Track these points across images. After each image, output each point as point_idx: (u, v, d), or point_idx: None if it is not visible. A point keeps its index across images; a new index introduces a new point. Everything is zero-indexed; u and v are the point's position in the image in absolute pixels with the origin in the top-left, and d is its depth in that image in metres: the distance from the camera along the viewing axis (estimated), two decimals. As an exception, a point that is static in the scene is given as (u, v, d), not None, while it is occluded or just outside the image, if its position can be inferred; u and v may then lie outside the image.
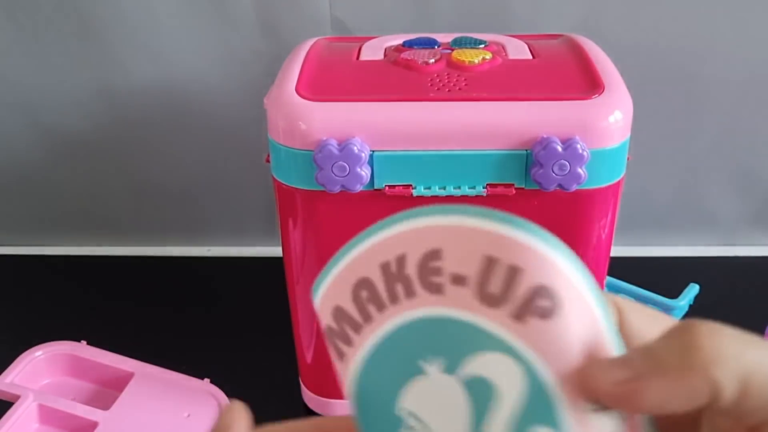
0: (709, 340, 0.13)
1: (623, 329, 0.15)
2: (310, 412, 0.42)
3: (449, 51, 0.35)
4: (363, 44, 0.38)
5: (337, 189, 0.31)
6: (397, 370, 0.16)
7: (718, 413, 0.14)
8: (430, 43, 0.37)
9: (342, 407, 0.41)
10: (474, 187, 0.32)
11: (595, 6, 0.47)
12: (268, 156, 0.34)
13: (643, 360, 0.14)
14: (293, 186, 0.33)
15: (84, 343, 0.44)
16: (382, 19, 0.47)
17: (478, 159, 0.31)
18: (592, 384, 0.14)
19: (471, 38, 0.37)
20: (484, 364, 0.15)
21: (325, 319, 0.16)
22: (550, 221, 0.32)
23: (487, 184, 0.32)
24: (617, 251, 0.37)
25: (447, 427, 0.15)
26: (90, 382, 0.43)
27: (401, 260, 0.15)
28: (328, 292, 0.16)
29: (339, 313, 0.16)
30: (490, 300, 0.14)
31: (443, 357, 0.15)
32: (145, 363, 0.42)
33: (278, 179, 0.33)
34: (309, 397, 0.42)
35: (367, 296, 0.16)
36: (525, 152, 0.31)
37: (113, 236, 0.58)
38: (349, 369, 0.16)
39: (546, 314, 0.14)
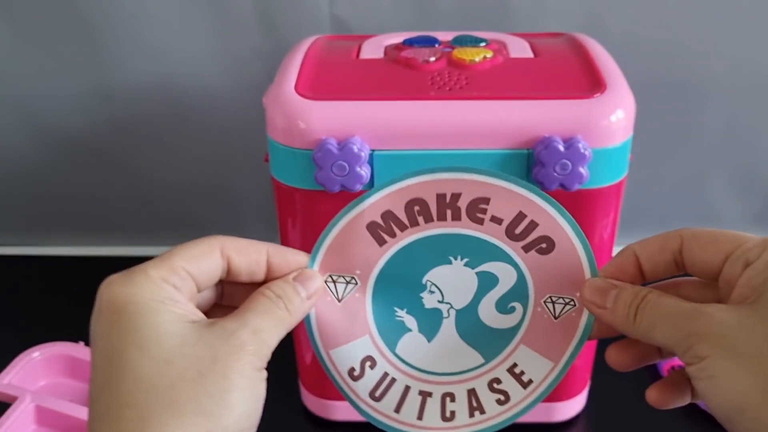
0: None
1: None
2: (309, 414, 0.42)
3: (450, 49, 0.35)
4: (363, 42, 0.38)
5: (336, 188, 0.31)
6: (430, 258, 0.25)
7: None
8: (430, 42, 0.36)
9: (341, 409, 0.40)
10: (475, 187, 0.31)
11: (598, 5, 0.47)
12: (267, 155, 0.34)
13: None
14: (292, 186, 0.32)
15: (81, 344, 0.43)
16: (382, 17, 0.47)
17: (479, 158, 0.31)
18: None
19: (472, 36, 0.37)
20: (494, 267, 0.25)
21: (372, 217, 0.24)
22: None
23: (488, 184, 0.31)
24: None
25: (456, 294, 0.25)
26: (87, 383, 0.43)
27: (456, 196, 0.24)
28: (381, 200, 0.24)
29: (388, 216, 0.24)
30: (513, 236, 0.25)
31: (468, 258, 0.25)
32: (143, 364, 0.42)
33: (277, 179, 0.33)
34: (308, 399, 0.41)
35: (418, 210, 0.24)
36: (526, 152, 0.31)
37: (111, 236, 0.58)
38: (385, 251, 0.25)
39: (543, 252, 0.25)
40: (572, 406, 0.41)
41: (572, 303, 0.25)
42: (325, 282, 0.25)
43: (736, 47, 0.48)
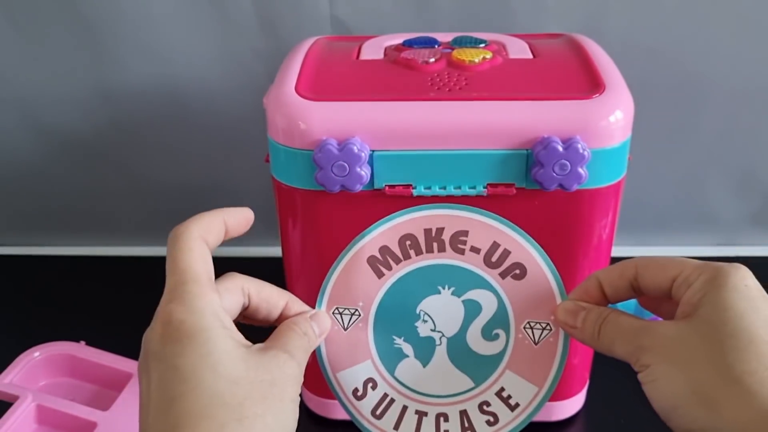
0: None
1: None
2: (309, 413, 0.42)
3: (449, 50, 0.35)
4: (363, 44, 0.38)
5: (336, 189, 0.31)
6: (421, 288, 0.28)
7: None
8: (430, 43, 0.37)
9: (341, 408, 0.41)
10: (474, 187, 0.31)
11: (597, 6, 0.47)
12: (268, 156, 0.34)
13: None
14: (293, 186, 0.33)
15: (83, 343, 0.44)
16: (382, 19, 0.47)
17: (479, 159, 0.31)
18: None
19: (471, 37, 0.37)
20: (477, 294, 0.28)
21: (371, 252, 0.28)
22: (550, 221, 0.33)
23: (487, 184, 0.31)
24: (618, 251, 0.37)
25: (446, 323, 0.29)
26: (89, 382, 0.43)
27: (440, 230, 0.28)
28: (378, 236, 0.28)
29: (384, 250, 0.28)
30: (490, 264, 0.28)
31: (454, 286, 0.28)
32: (144, 363, 0.42)
33: (278, 179, 0.33)
34: (309, 398, 0.42)
35: (409, 244, 0.28)
36: (526, 152, 0.31)
37: (112, 236, 0.58)
38: (384, 283, 0.28)
39: (517, 278, 0.28)
40: (571, 405, 0.41)
41: (549, 328, 0.28)
42: (333, 313, 0.28)
43: (735, 49, 0.48)
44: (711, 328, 0.22)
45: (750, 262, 0.59)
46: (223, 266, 0.57)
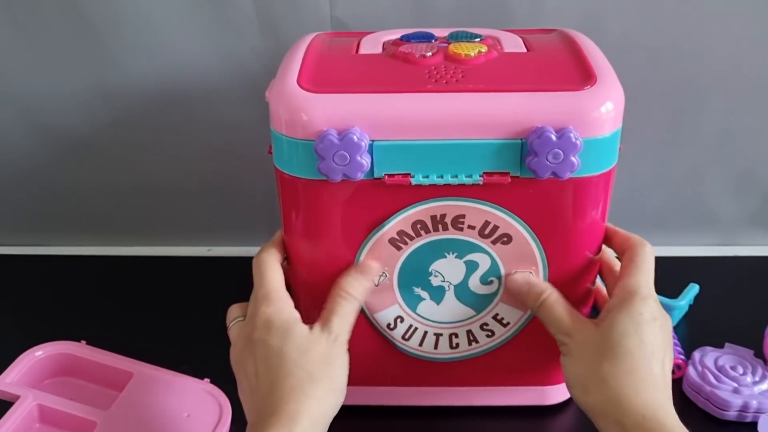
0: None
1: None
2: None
3: (446, 44, 0.36)
4: (361, 39, 0.39)
5: (338, 178, 0.32)
6: (432, 255, 0.35)
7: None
8: (426, 37, 0.38)
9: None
10: (471, 176, 0.32)
11: (595, 5, 0.47)
12: (270, 147, 0.34)
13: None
14: (295, 175, 0.33)
15: (84, 343, 0.44)
16: (381, 18, 0.48)
17: (475, 148, 0.32)
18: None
19: (467, 32, 0.38)
20: (475, 256, 0.35)
21: (391, 235, 0.35)
22: (544, 208, 0.33)
23: (483, 173, 0.32)
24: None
25: (453, 276, 0.36)
26: (90, 382, 0.43)
27: (443, 215, 0.34)
28: (395, 224, 0.34)
29: (401, 233, 0.35)
30: (484, 235, 0.35)
31: (456, 252, 0.35)
32: (144, 363, 0.42)
33: (280, 169, 0.34)
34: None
35: (420, 227, 0.34)
36: (520, 141, 0.31)
37: (113, 236, 0.58)
38: (402, 254, 0.35)
39: (504, 243, 0.35)
40: (563, 390, 0.41)
41: (531, 273, 0.36)
42: None
43: (734, 48, 0.49)
44: (604, 339, 0.32)
45: (749, 262, 0.59)
46: (224, 266, 0.57)
